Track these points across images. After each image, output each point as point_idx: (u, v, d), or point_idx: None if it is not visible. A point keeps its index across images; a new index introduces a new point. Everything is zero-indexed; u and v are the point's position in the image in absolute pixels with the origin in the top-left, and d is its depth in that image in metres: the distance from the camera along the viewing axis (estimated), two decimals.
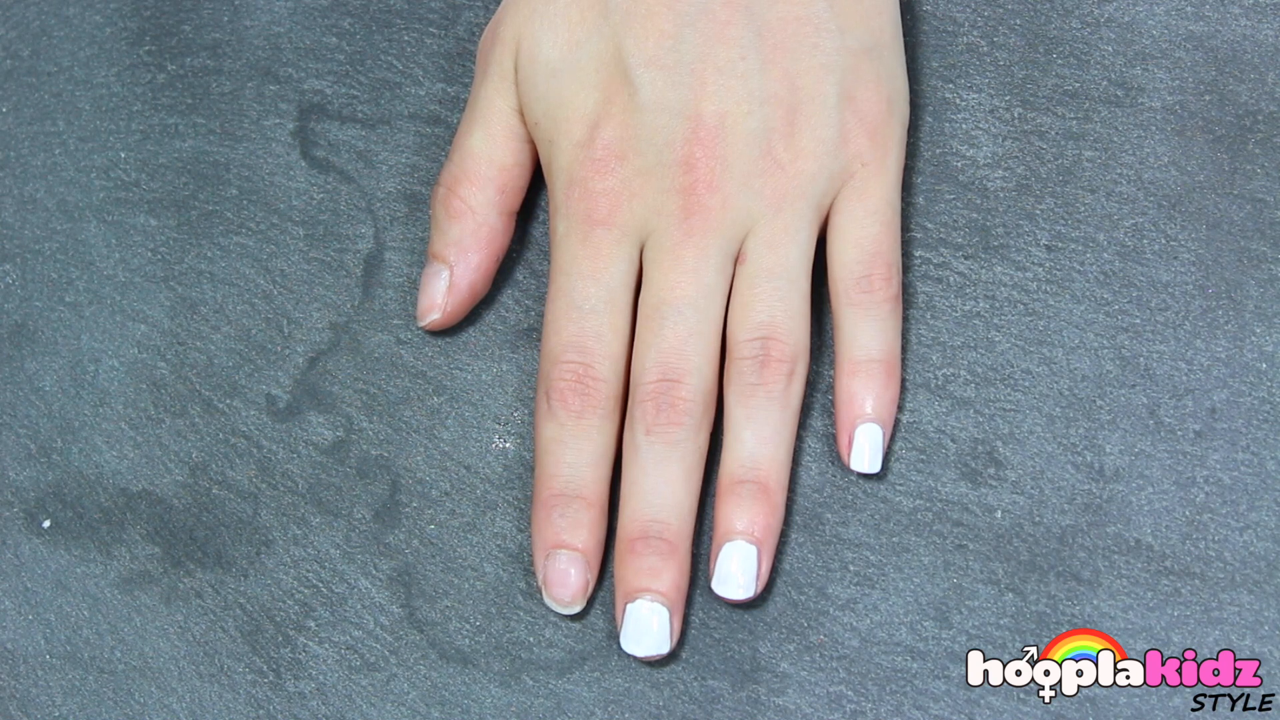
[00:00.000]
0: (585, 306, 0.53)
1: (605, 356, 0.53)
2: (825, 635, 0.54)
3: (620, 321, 0.53)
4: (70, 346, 0.57)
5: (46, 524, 0.55)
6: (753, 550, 0.53)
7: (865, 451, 0.54)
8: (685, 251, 0.53)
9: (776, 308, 0.53)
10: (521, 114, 0.55)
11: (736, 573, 0.53)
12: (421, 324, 0.56)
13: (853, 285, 0.54)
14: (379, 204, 0.58)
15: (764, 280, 0.53)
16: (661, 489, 0.52)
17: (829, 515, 0.55)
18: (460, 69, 0.59)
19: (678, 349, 0.53)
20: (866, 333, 0.54)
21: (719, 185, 0.53)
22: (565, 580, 0.53)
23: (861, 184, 0.54)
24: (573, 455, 0.53)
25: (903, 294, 0.56)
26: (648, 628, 0.52)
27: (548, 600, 0.53)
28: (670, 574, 0.52)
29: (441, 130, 0.58)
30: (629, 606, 0.52)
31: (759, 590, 0.53)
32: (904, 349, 0.56)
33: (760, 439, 0.53)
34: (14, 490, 0.55)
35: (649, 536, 0.52)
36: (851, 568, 0.54)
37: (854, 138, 0.54)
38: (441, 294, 0.55)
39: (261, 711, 0.53)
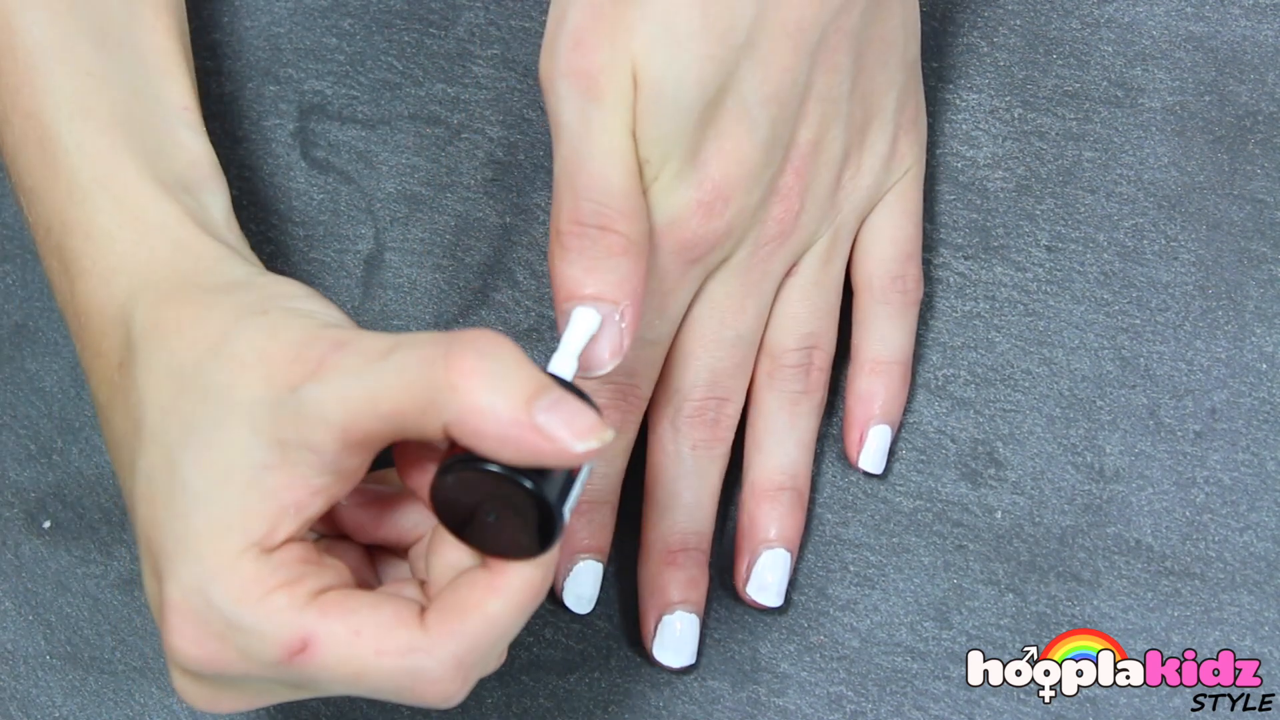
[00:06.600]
0: (648, 337, 0.52)
1: (649, 378, 0.53)
2: (825, 635, 0.54)
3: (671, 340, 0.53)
4: (70, 346, 0.57)
5: (47, 524, 0.55)
6: (788, 557, 0.53)
7: (873, 451, 0.54)
8: (754, 275, 0.52)
9: (820, 318, 0.54)
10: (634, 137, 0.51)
11: (774, 581, 0.53)
12: (601, 373, 0.48)
13: (888, 283, 0.54)
14: (379, 204, 0.58)
15: (814, 292, 0.53)
16: (703, 502, 0.53)
17: (829, 515, 0.55)
18: (460, 69, 0.59)
19: (730, 371, 0.53)
20: (893, 333, 0.54)
21: (801, 211, 0.52)
22: (585, 584, 0.53)
23: (903, 188, 0.55)
24: (605, 465, 0.53)
25: None
26: (685, 638, 0.53)
27: (568, 600, 0.53)
28: (704, 585, 0.53)
29: (441, 131, 0.58)
30: (667, 618, 0.53)
31: None
32: None
33: (802, 445, 0.54)
34: (14, 490, 0.55)
35: (689, 549, 0.53)
36: (851, 568, 0.54)
37: (901, 148, 0.54)
38: (624, 337, 0.48)
39: (262, 711, 0.53)
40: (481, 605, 0.41)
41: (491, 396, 0.39)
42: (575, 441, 0.39)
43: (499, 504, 0.41)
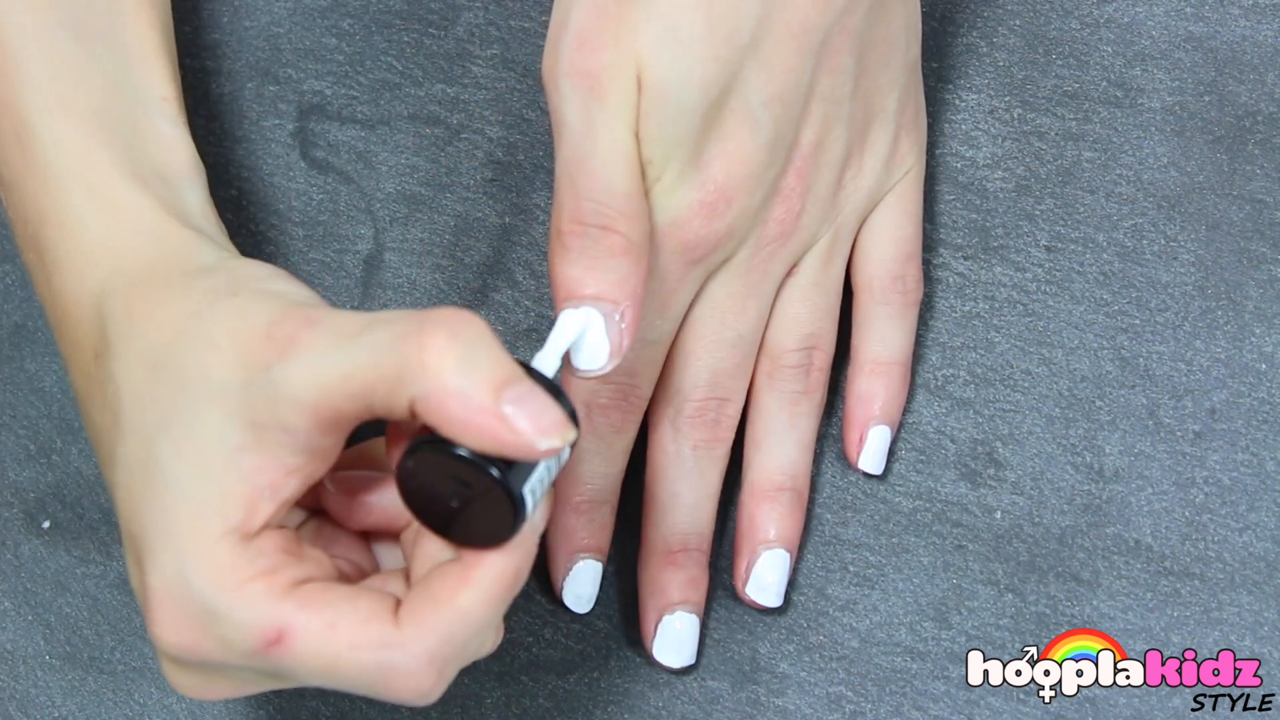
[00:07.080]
0: (650, 337, 0.52)
1: (650, 377, 0.53)
2: (825, 636, 0.54)
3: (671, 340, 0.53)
4: None
5: (46, 524, 0.55)
6: (788, 557, 0.53)
7: (873, 452, 0.54)
8: (755, 275, 0.52)
9: (820, 318, 0.54)
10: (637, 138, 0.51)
11: (774, 582, 0.53)
12: (600, 372, 0.48)
13: (889, 284, 0.54)
14: (379, 204, 0.58)
15: (814, 293, 0.53)
16: (703, 503, 0.53)
17: (829, 515, 0.55)
18: (460, 69, 0.59)
19: (730, 371, 0.53)
20: (894, 333, 0.54)
21: (802, 212, 0.52)
22: (585, 583, 0.53)
23: (903, 189, 0.55)
24: (605, 466, 0.53)
25: None
26: (686, 638, 0.53)
27: (567, 600, 0.53)
28: (704, 585, 0.53)
29: (441, 131, 0.58)
30: (667, 618, 0.53)
31: None
32: None
33: (802, 446, 0.54)
34: (14, 490, 0.55)
35: (689, 549, 0.53)
36: (851, 568, 0.54)
37: (902, 149, 0.54)
38: (624, 337, 0.48)
39: (262, 712, 0.53)
40: (453, 598, 0.41)
41: (460, 379, 0.39)
42: (539, 437, 0.39)
43: (463, 489, 0.40)
